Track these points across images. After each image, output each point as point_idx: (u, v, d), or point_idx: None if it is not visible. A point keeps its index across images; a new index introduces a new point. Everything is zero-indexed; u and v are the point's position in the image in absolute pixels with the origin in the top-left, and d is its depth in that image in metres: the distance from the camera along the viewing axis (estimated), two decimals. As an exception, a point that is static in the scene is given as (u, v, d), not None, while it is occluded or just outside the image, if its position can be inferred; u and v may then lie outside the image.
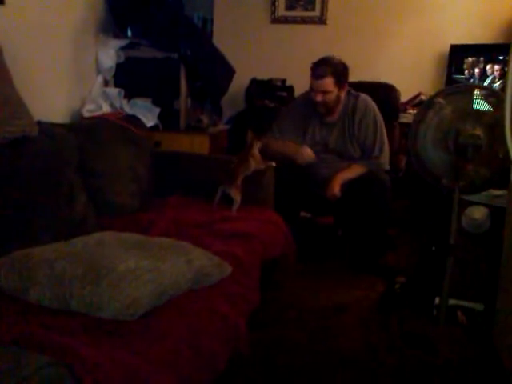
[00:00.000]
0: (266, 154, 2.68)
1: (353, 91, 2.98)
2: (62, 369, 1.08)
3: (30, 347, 1.13)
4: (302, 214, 3.23)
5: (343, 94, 2.91)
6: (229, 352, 1.49)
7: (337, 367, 2.00)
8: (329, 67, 2.79)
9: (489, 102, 2.14)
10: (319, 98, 2.84)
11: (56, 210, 1.92)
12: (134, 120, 2.78)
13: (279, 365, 2.00)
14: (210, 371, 1.38)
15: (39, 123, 2.04)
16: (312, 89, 2.88)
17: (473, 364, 2.03)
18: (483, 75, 3.65)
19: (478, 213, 2.31)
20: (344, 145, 2.95)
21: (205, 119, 3.31)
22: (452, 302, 2.29)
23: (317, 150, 2.95)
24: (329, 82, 2.80)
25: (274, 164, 2.68)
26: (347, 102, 2.94)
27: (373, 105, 2.96)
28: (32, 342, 1.15)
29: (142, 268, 1.45)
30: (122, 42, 3.07)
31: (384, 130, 2.97)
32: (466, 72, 3.70)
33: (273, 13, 4.17)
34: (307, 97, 2.95)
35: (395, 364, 2.02)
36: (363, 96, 2.97)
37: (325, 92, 2.82)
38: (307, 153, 2.86)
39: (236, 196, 2.44)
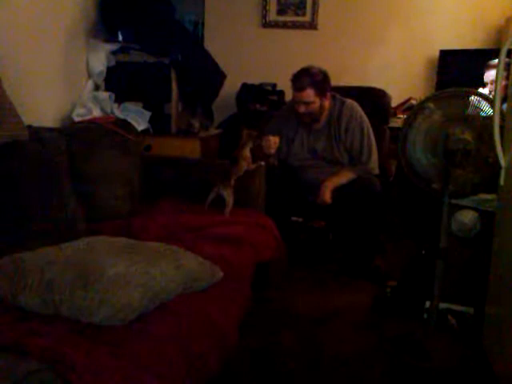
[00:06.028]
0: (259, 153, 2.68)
1: (339, 97, 2.97)
2: (52, 375, 1.08)
3: (19, 353, 1.13)
4: (294, 218, 3.23)
5: (327, 102, 2.90)
6: (219, 357, 1.49)
7: (328, 373, 2.00)
8: (308, 78, 2.78)
9: (478, 107, 2.16)
10: (302, 109, 2.84)
11: (46, 215, 1.91)
12: (124, 124, 2.76)
13: (270, 370, 2.00)
14: (200, 377, 1.37)
15: (29, 127, 2.03)
16: (295, 100, 2.88)
17: (463, 368, 2.04)
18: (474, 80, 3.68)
19: (468, 217, 2.33)
20: (332, 151, 2.95)
21: (196, 123, 3.31)
22: (443, 305, 2.29)
23: (306, 157, 2.96)
24: (309, 93, 2.79)
25: (263, 164, 2.68)
26: (333, 108, 2.94)
27: (359, 110, 2.96)
28: (22, 348, 1.14)
29: (133, 273, 1.45)
30: (113, 47, 3.06)
31: (372, 135, 2.96)
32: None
33: (264, 17, 4.18)
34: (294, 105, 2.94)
35: (386, 369, 2.03)
36: (349, 101, 2.97)
37: (307, 103, 2.82)
38: (271, 141, 2.79)
39: (229, 197, 2.44)
